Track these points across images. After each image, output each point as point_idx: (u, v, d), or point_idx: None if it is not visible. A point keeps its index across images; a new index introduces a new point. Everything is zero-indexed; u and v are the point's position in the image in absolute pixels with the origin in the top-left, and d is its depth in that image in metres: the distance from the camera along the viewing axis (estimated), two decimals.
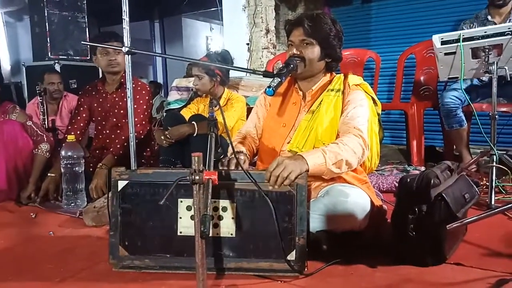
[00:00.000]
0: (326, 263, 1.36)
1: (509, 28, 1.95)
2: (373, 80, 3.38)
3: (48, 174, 2.30)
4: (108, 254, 1.37)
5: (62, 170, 2.17)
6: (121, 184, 1.36)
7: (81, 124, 2.53)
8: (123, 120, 2.42)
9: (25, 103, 4.51)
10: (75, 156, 2.16)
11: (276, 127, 1.67)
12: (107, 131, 2.50)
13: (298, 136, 1.58)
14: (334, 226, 1.43)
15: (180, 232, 1.34)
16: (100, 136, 2.55)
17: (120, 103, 2.46)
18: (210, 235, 1.26)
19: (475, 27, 2.67)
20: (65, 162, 2.15)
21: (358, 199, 1.42)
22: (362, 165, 1.62)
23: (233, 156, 1.51)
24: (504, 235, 1.63)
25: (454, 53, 2.11)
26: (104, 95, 2.52)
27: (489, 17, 2.78)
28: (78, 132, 2.51)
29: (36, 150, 2.38)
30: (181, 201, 1.33)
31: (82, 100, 2.56)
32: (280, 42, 4.42)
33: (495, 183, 2.03)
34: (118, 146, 2.32)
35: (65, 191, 2.17)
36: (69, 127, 2.54)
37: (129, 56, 1.79)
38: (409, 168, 2.82)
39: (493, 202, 1.97)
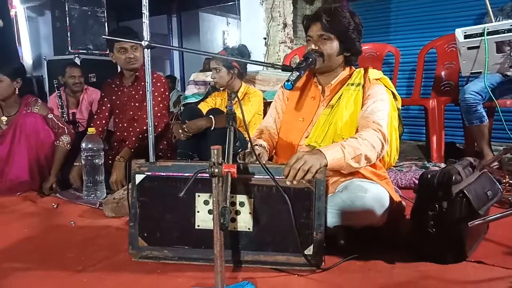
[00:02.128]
0: (343, 258, 1.35)
1: None
2: (392, 75, 3.33)
3: (74, 164, 2.36)
4: (127, 244, 1.39)
5: (83, 162, 2.21)
6: (140, 176, 1.37)
7: (106, 114, 2.61)
8: (139, 113, 2.46)
9: (46, 97, 4.62)
10: (95, 148, 2.20)
11: (294, 121, 1.66)
12: (125, 124, 2.54)
13: (317, 131, 1.57)
14: (352, 221, 1.42)
15: (198, 226, 1.35)
16: (119, 129, 2.59)
17: (136, 96, 2.49)
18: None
19: (499, 20, 2.59)
20: (85, 154, 2.19)
21: (377, 195, 1.40)
22: (381, 161, 1.60)
23: (250, 149, 1.50)
24: None
25: (478, 47, 2.06)
26: (121, 88, 2.55)
27: None
28: (104, 122, 2.59)
29: (57, 142, 2.44)
30: (199, 196, 1.34)
31: (105, 93, 2.64)
32: (297, 36, 4.38)
33: None
34: (134, 139, 2.35)
35: (86, 183, 2.22)
36: (95, 117, 2.62)
37: (148, 50, 1.80)
38: (429, 164, 2.77)
39: None
